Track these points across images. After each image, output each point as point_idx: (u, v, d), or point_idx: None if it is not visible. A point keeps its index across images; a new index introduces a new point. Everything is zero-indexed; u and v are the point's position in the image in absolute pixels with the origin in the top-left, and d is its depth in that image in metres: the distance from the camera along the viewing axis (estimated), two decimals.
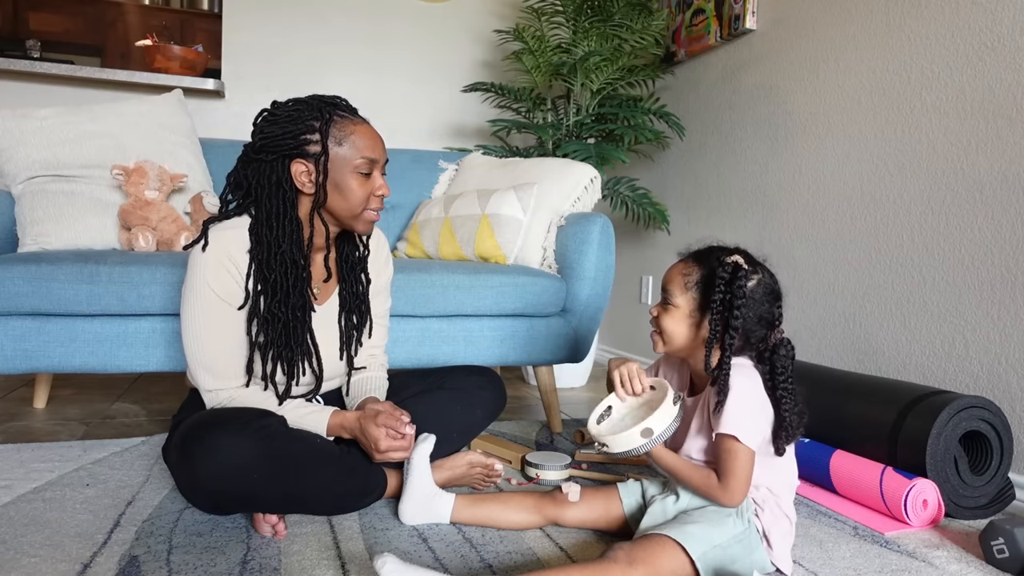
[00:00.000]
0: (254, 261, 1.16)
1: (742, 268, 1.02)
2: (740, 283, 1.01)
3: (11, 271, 1.47)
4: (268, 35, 2.88)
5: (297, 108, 1.16)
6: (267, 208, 1.16)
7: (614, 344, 3.14)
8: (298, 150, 1.15)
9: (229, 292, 1.16)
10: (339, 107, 1.18)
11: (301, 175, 1.16)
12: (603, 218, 1.89)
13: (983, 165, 1.59)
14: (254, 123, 1.19)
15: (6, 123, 1.81)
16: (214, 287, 1.15)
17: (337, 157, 1.16)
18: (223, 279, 1.15)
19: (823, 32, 2.04)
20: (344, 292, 1.31)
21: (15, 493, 1.29)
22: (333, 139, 1.15)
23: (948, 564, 1.13)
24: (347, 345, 1.31)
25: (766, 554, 1.04)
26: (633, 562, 0.93)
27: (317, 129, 1.14)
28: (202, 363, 1.17)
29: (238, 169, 1.20)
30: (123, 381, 2.44)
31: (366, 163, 1.17)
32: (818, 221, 2.04)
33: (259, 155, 1.16)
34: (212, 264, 1.14)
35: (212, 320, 1.16)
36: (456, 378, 1.46)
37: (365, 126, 1.19)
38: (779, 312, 1.06)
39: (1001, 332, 1.53)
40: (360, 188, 1.18)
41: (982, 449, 1.38)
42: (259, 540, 1.13)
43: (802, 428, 1.06)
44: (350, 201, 1.18)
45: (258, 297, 1.17)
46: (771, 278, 1.07)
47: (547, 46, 2.52)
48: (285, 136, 1.14)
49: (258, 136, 1.17)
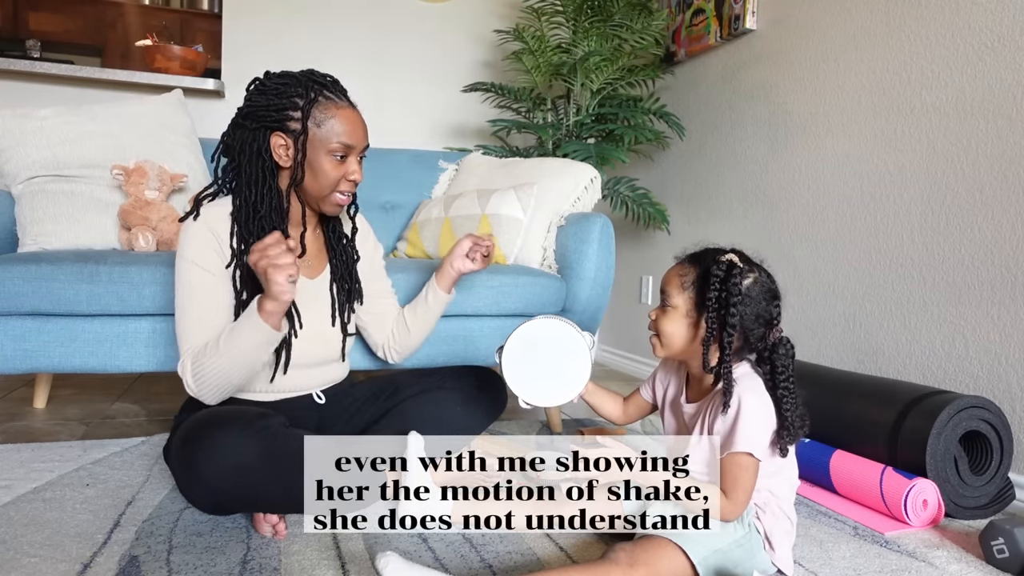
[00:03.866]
0: (235, 223, 1.19)
1: (737, 266, 1.03)
2: (735, 280, 1.01)
3: (11, 271, 1.47)
4: (268, 35, 2.88)
5: (286, 82, 1.19)
6: (247, 173, 1.20)
7: (614, 344, 3.14)
8: (279, 124, 1.17)
9: (208, 261, 1.18)
10: (327, 87, 1.20)
11: (279, 148, 1.18)
12: (603, 218, 1.89)
13: (983, 165, 1.59)
14: (247, 89, 1.22)
15: (6, 123, 1.81)
16: (194, 258, 1.17)
17: (315, 138, 1.18)
18: (202, 249, 1.18)
19: (823, 32, 2.04)
20: (334, 261, 1.34)
21: (15, 493, 1.29)
22: (313, 119, 1.17)
23: (948, 564, 1.13)
24: (341, 312, 1.34)
25: (768, 556, 1.04)
26: (634, 564, 0.93)
27: (300, 107, 1.17)
28: (183, 331, 1.18)
29: (228, 131, 1.23)
30: (123, 381, 2.44)
31: (342, 147, 1.19)
32: (818, 221, 2.04)
33: (244, 121, 1.19)
34: (194, 234, 1.18)
35: (194, 289, 1.18)
36: (456, 378, 1.46)
37: (348, 110, 1.21)
38: (777, 311, 1.06)
39: (1001, 332, 1.53)
40: (333, 171, 1.20)
41: (982, 449, 1.38)
42: (259, 540, 1.13)
43: (805, 428, 1.06)
44: (320, 182, 1.20)
45: (241, 256, 1.19)
46: (768, 277, 1.07)
47: (547, 46, 2.52)
48: (269, 108, 1.17)
49: (246, 103, 1.20)
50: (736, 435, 1.00)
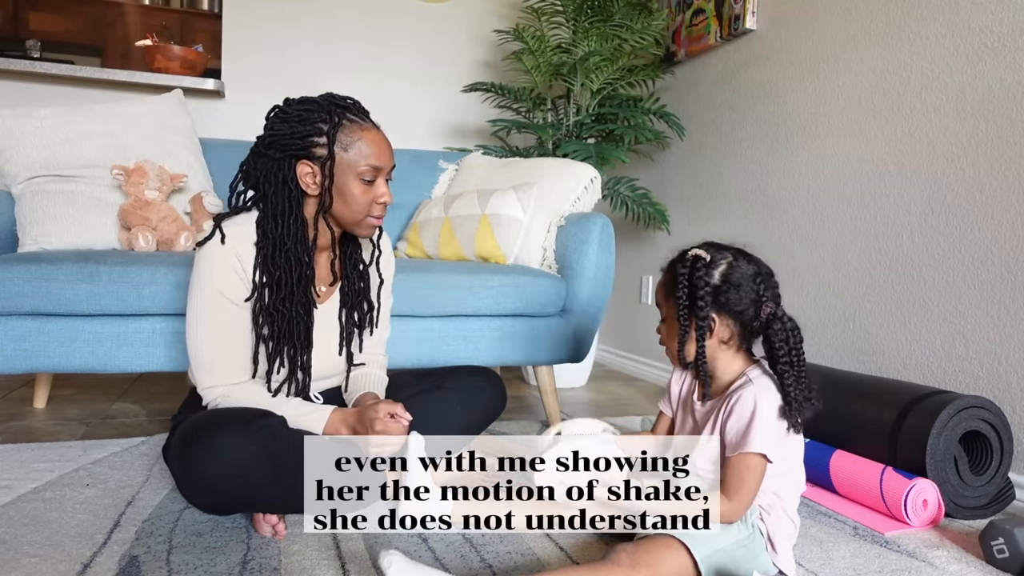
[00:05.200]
0: (260, 255, 1.17)
1: (701, 258, 1.05)
2: (699, 273, 1.03)
3: (11, 271, 1.47)
4: (268, 35, 2.87)
5: (307, 108, 1.16)
6: (273, 204, 1.17)
7: (614, 344, 3.14)
8: (304, 151, 1.15)
9: (232, 287, 1.16)
10: (349, 110, 1.18)
11: (305, 176, 1.16)
12: (603, 218, 1.89)
13: (983, 165, 1.59)
14: (266, 117, 1.19)
15: (6, 123, 1.81)
16: (217, 283, 1.15)
17: (342, 162, 1.16)
18: (227, 275, 1.15)
19: (823, 32, 2.04)
20: (346, 289, 1.31)
21: (15, 493, 1.29)
22: (339, 144, 1.15)
23: (948, 564, 1.13)
24: (347, 341, 1.32)
25: (770, 557, 1.04)
26: (636, 565, 0.93)
27: (325, 132, 1.15)
28: (200, 359, 1.18)
29: (249, 160, 1.20)
30: (123, 381, 2.44)
31: (370, 170, 1.17)
32: (818, 221, 2.04)
33: (268, 151, 1.17)
34: (218, 260, 1.15)
35: (213, 316, 1.16)
36: (456, 378, 1.46)
37: (374, 132, 1.19)
38: (764, 287, 1.05)
39: (1001, 332, 1.53)
40: (363, 195, 1.18)
41: (982, 449, 1.38)
42: (259, 540, 1.13)
43: (814, 402, 1.04)
44: (351, 207, 1.18)
45: (263, 290, 1.17)
46: (745, 259, 1.07)
47: (547, 46, 2.52)
48: (293, 136, 1.15)
49: (268, 132, 1.17)
50: (751, 435, 1.00)
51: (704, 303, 1.03)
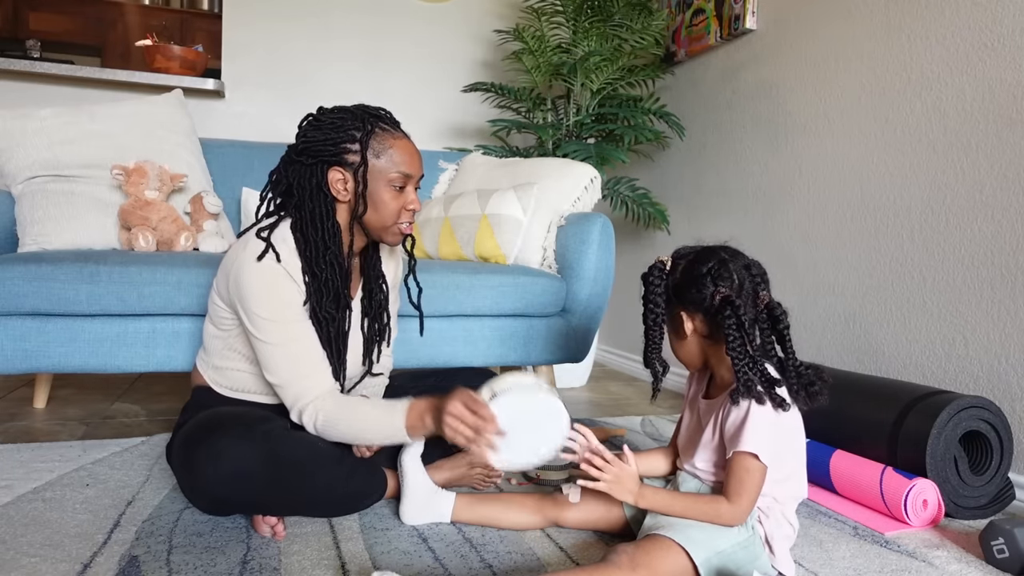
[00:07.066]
0: (302, 259, 1.17)
1: (660, 263, 1.10)
2: (655, 278, 1.09)
3: (11, 271, 1.47)
4: (268, 35, 2.87)
5: (341, 116, 1.18)
6: (309, 210, 1.18)
7: (614, 344, 3.14)
8: (337, 158, 1.16)
9: (294, 298, 1.17)
10: (382, 119, 1.20)
11: (337, 183, 1.17)
12: (603, 218, 1.89)
13: (983, 165, 1.59)
14: (299, 126, 1.21)
15: (6, 123, 1.81)
16: (284, 296, 1.15)
17: (374, 169, 1.17)
18: (288, 287, 1.16)
19: (823, 32, 2.04)
20: (365, 300, 1.32)
21: (15, 493, 1.29)
22: (372, 151, 1.17)
23: (948, 564, 1.13)
24: (368, 351, 1.33)
25: (768, 560, 1.04)
26: (636, 566, 0.93)
27: (358, 139, 1.16)
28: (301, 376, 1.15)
29: (280, 168, 1.22)
30: (123, 381, 2.44)
31: (401, 177, 1.19)
32: (818, 221, 2.04)
33: (300, 157, 1.18)
34: (280, 276, 1.15)
35: (300, 338, 1.16)
36: (456, 379, 1.45)
37: (404, 140, 1.21)
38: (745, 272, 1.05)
39: (1001, 332, 1.53)
40: (393, 201, 1.19)
41: (982, 449, 1.38)
42: (259, 540, 1.13)
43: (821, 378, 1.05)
44: (382, 213, 1.20)
45: (313, 294, 1.18)
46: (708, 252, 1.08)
47: (547, 46, 2.52)
48: (326, 142, 1.16)
49: (301, 139, 1.19)
50: (744, 434, 1.00)
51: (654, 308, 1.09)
